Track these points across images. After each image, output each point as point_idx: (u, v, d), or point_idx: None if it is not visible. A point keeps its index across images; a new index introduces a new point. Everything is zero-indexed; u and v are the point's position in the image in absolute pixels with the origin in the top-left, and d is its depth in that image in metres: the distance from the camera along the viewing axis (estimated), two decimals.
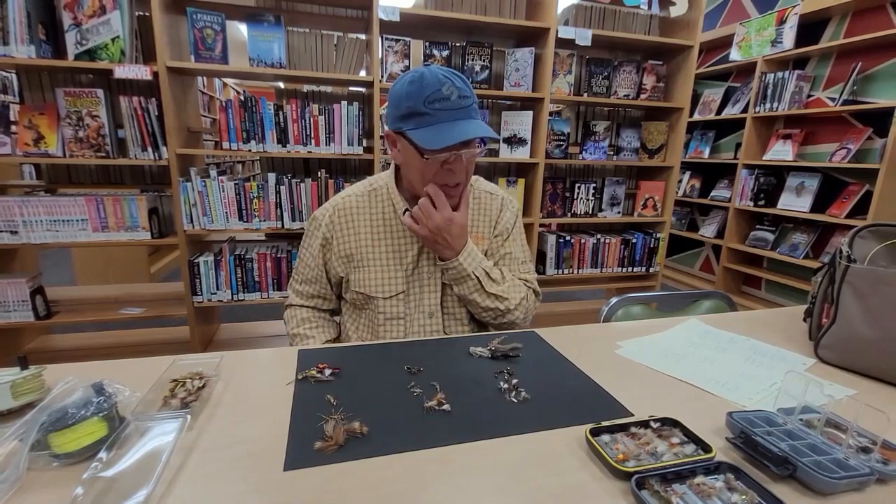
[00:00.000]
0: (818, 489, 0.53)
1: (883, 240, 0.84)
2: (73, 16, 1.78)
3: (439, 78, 0.87)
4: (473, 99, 0.91)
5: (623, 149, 2.69)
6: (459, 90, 0.88)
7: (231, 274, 2.15)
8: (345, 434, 0.60)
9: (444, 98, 0.87)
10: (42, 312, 2.02)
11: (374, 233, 1.04)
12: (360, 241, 1.03)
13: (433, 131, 0.87)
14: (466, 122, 0.89)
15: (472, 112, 0.90)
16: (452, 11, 2.19)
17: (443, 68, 0.90)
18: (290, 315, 1.11)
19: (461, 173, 0.95)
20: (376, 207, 1.05)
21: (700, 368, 0.84)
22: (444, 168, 0.93)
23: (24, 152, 1.88)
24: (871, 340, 0.80)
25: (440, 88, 0.86)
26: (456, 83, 0.88)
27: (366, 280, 1.03)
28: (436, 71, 0.88)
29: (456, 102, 0.88)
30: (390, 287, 1.03)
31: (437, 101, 0.87)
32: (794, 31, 2.90)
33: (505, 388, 0.74)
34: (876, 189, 2.57)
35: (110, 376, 0.65)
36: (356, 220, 1.04)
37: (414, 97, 0.87)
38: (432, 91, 0.86)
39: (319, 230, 1.05)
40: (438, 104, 0.87)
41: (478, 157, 0.99)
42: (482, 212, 1.10)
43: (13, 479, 0.50)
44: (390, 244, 1.04)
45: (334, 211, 1.04)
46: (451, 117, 0.88)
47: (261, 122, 2.04)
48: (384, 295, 1.03)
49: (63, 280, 3.43)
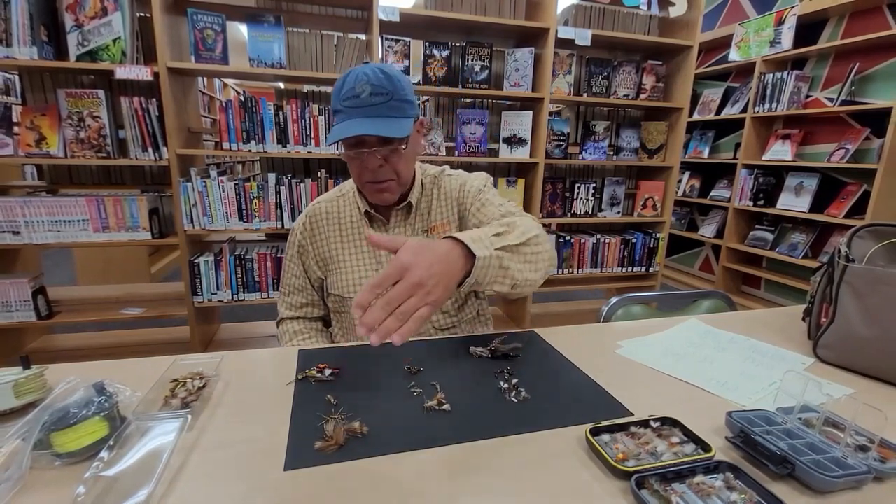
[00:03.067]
0: (816, 488, 0.53)
1: (881, 239, 0.84)
2: (74, 17, 1.79)
3: (358, 76, 0.88)
4: (394, 96, 0.89)
5: (623, 149, 2.69)
6: (374, 87, 0.87)
7: (231, 274, 2.15)
8: (345, 434, 0.61)
9: (354, 96, 0.88)
10: (44, 312, 2.02)
11: (344, 235, 1.06)
12: (331, 245, 1.06)
13: (337, 127, 0.90)
14: (367, 120, 0.88)
15: (384, 109, 0.89)
16: (452, 12, 2.19)
17: (375, 66, 0.89)
18: (283, 330, 1.12)
19: (382, 171, 0.93)
20: (344, 211, 1.07)
21: (700, 368, 0.85)
22: (363, 165, 0.93)
23: (26, 153, 1.88)
24: (869, 340, 0.80)
25: (354, 86, 0.88)
26: (372, 80, 0.87)
27: (339, 282, 1.04)
28: (363, 69, 0.89)
29: (366, 100, 0.88)
30: (362, 287, 1.03)
31: (348, 98, 0.88)
32: (792, 31, 2.91)
33: (505, 388, 0.75)
34: (874, 189, 2.58)
35: (111, 376, 0.65)
36: (326, 225, 1.07)
37: (336, 94, 0.91)
38: (347, 89, 0.88)
39: (295, 239, 1.08)
40: (349, 101, 0.88)
41: (399, 153, 0.93)
42: (443, 196, 1.07)
43: (16, 478, 0.51)
44: (359, 245, 1.05)
45: (307, 218, 1.08)
46: (357, 114, 0.88)
47: (261, 123, 2.05)
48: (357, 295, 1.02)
49: (64, 280, 3.44)
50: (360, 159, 0.93)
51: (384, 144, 0.92)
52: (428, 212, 1.07)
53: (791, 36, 2.92)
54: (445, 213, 1.06)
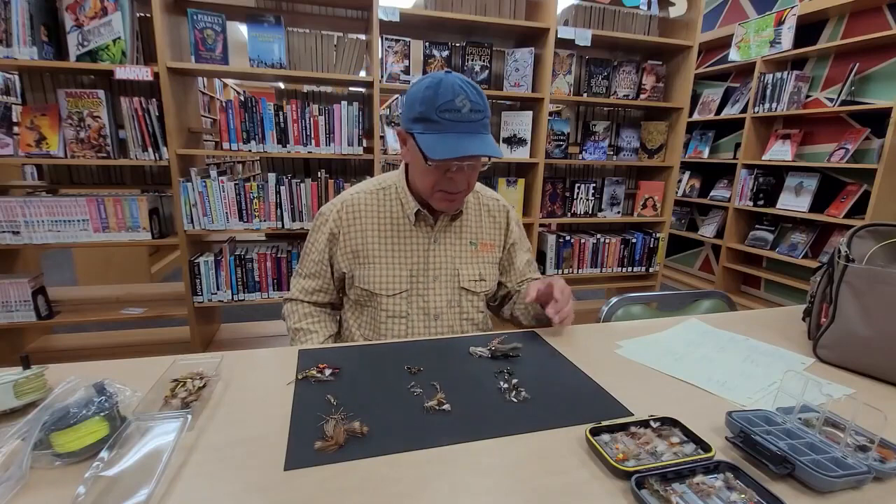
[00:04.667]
0: (816, 488, 0.53)
1: (881, 239, 0.84)
2: (74, 17, 1.79)
3: (454, 88, 0.88)
4: (486, 114, 0.92)
5: (623, 149, 2.69)
6: (473, 104, 0.89)
7: (231, 274, 2.15)
8: (345, 434, 0.61)
9: (455, 109, 0.88)
10: (44, 312, 2.02)
11: (382, 230, 1.05)
12: (366, 238, 1.04)
13: (438, 140, 0.89)
14: (473, 137, 0.90)
15: (481, 127, 0.92)
16: (452, 12, 2.19)
17: (462, 78, 0.90)
18: (292, 309, 1.11)
19: (462, 183, 0.96)
20: (385, 206, 1.06)
21: (700, 368, 0.85)
22: (446, 176, 0.94)
23: (26, 153, 1.88)
24: (869, 340, 0.80)
25: (453, 99, 0.87)
26: (471, 96, 0.89)
27: (370, 277, 1.04)
28: (454, 80, 0.89)
29: (466, 115, 0.89)
30: (394, 285, 1.04)
31: (447, 111, 0.88)
32: (792, 31, 2.91)
33: (505, 388, 0.75)
34: (874, 189, 2.58)
35: (111, 376, 0.66)
36: (364, 217, 1.05)
37: (427, 103, 0.88)
38: (445, 101, 0.87)
39: (326, 225, 1.06)
40: (449, 114, 0.88)
41: (482, 169, 1.01)
42: (492, 219, 1.14)
43: (17, 478, 0.51)
44: (397, 242, 1.05)
45: (342, 206, 1.05)
46: (459, 129, 0.89)
47: (261, 123, 2.05)
48: (388, 293, 1.03)
49: (64, 280, 3.44)
50: (447, 171, 0.93)
51: (473, 159, 0.93)
52: (478, 226, 1.12)
53: (791, 36, 2.92)
54: (493, 236, 1.14)
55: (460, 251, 1.08)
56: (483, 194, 1.15)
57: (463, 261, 1.08)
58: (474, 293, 1.09)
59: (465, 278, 1.07)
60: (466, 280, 1.07)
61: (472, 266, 1.09)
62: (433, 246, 1.06)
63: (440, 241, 1.07)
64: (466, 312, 1.09)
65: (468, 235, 1.10)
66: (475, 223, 1.11)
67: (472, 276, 1.08)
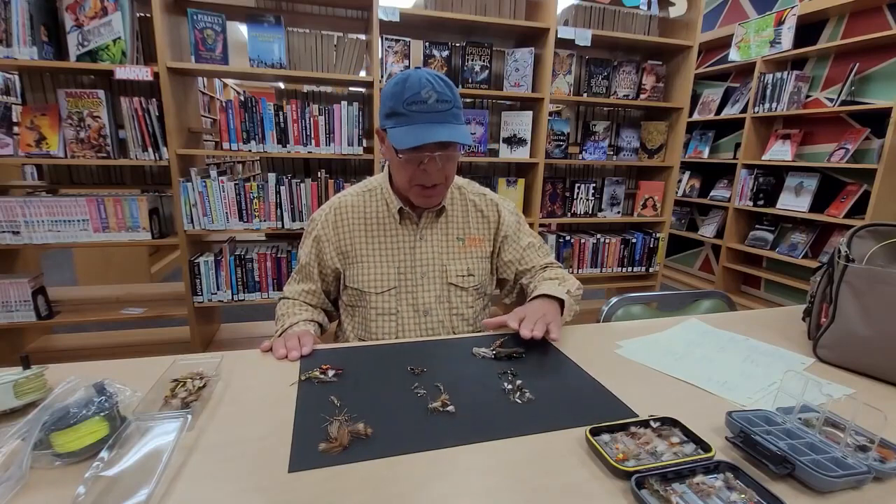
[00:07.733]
0: (816, 488, 0.53)
1: (881, 239, 0.84)
2: (74, 17, 1.79)
3: (420, 81, 0.90)
4: (454, 104, 0.94)
5: (623, 149, 2.69)
6: (439, 94, 0.91)
7: (231, 274, 2.15)
8: (349, 435, 0.61)
9: (421, 101, 0.90)
10: (44, 312, 2.02)
11: (368, 230, 1.07)
12: (354, 239, 1.07)
13: (406, 131, 0.91)
14: (440, 126, 0.92)
15: (449, 117, 0.93)
16: (452, 12, 2.19)
17: (431, 72, 0.92)
18: (281, 304, 1.13)
19: (436, 175, 0.97)
20: (371, 206, 1.09)
21: (699, 368, 0.85)
22: (420, 168, 0.96)
23: (26, 153, 1.88)
24: (869, 340, 0.80)
25: (419, 91, 0.90)
26: (436, 87, 0.91)
27: (359, 275, 1.06)
28: (421, 74, 0.92)
29: (433, 106, 0.91)
30: (382, 282, 1.06)
31: (414, 103, 0.90)
32: (792, 31, 2.91)
33: (509, 389, 0.75)
34: (874, 189, 2.58)
35: (111, 376, 0.65)
36: (351, 219, 1.08)
37: (396, 98, 0.92)
38: (412, 94, 0.90)
39: (314, 230, 1.09)
40: (416, 106, 0.90)
41: (454, 160, 0.99)
42: (479, 214, 1.14)
43: (17, 478, 0.51)
44: (383, 241, 1.07)
45: (330, 210, 1.09)
46: (426, 120, 0.91)
47: (261, 123, 2.05)
48: (376, 290, 1.05)
49: (64, 280, 3.43)
50: (420, 163, 0.95)
51: (444, 150, 0.94)
52: (465, 221, 1.12)
53: (791, 36, 2.92)
54: (482, 230, 1.14)
55: (447, 247, 1.09)
56: (468, 190, 1.16)
57: (450, 256, 1.09)
58: (462, 288, 1.10)
59: (452, 273, 1.08)
60: (454, 275, 1.09)
61: (460, 261, 1.10)
62: (419, 242, 1.08)
63: (426, 238, 1.08)
64: (456, 308, 1.10)
65: (455, 231, 1.11)
66: (462, 218, 1.12)
67: (460, 271, 1.09)
